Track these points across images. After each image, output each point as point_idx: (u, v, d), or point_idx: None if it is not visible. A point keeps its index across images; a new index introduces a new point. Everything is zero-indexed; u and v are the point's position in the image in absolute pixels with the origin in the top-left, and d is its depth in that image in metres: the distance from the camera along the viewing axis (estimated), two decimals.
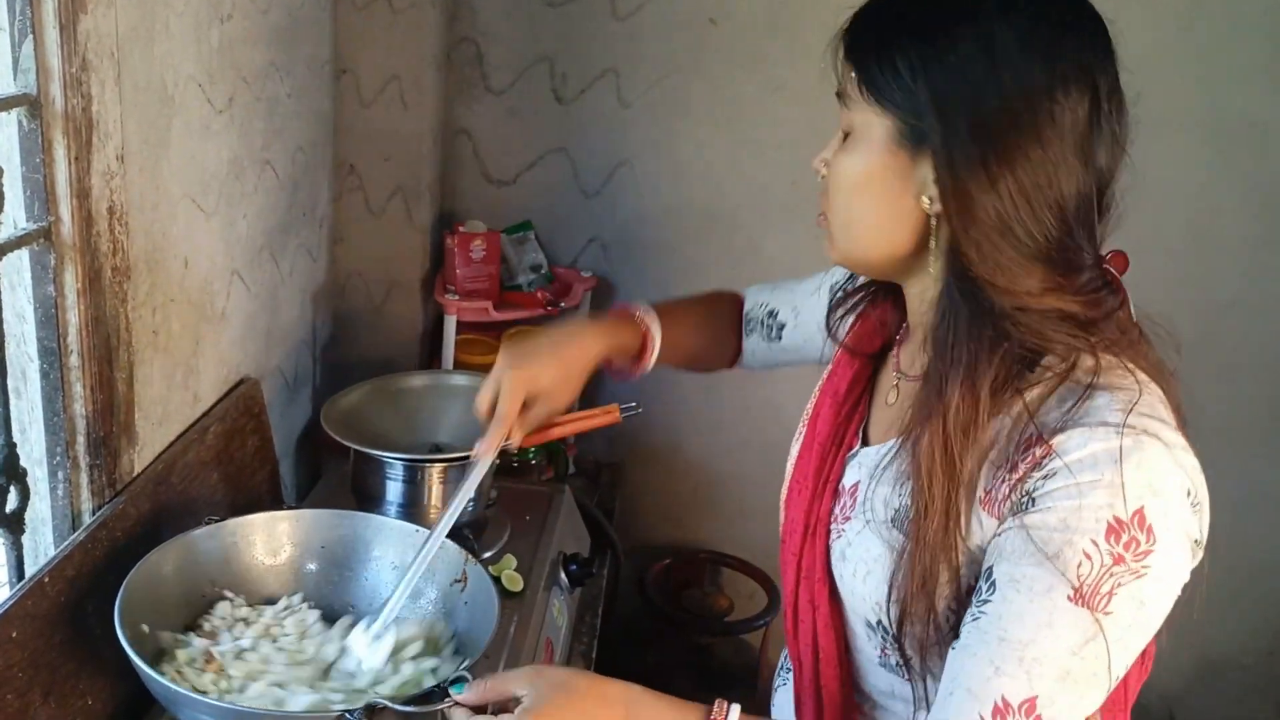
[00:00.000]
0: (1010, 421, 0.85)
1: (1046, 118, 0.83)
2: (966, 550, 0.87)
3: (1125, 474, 0.79)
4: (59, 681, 1.12)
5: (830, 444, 1.04)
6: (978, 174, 0.83)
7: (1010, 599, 0.82)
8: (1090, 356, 0.85)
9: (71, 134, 1.09)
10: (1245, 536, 2.30)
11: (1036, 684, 0.81)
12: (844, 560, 0.98)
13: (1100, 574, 0.79)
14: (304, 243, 1.85)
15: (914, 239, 0.90)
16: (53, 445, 1.20)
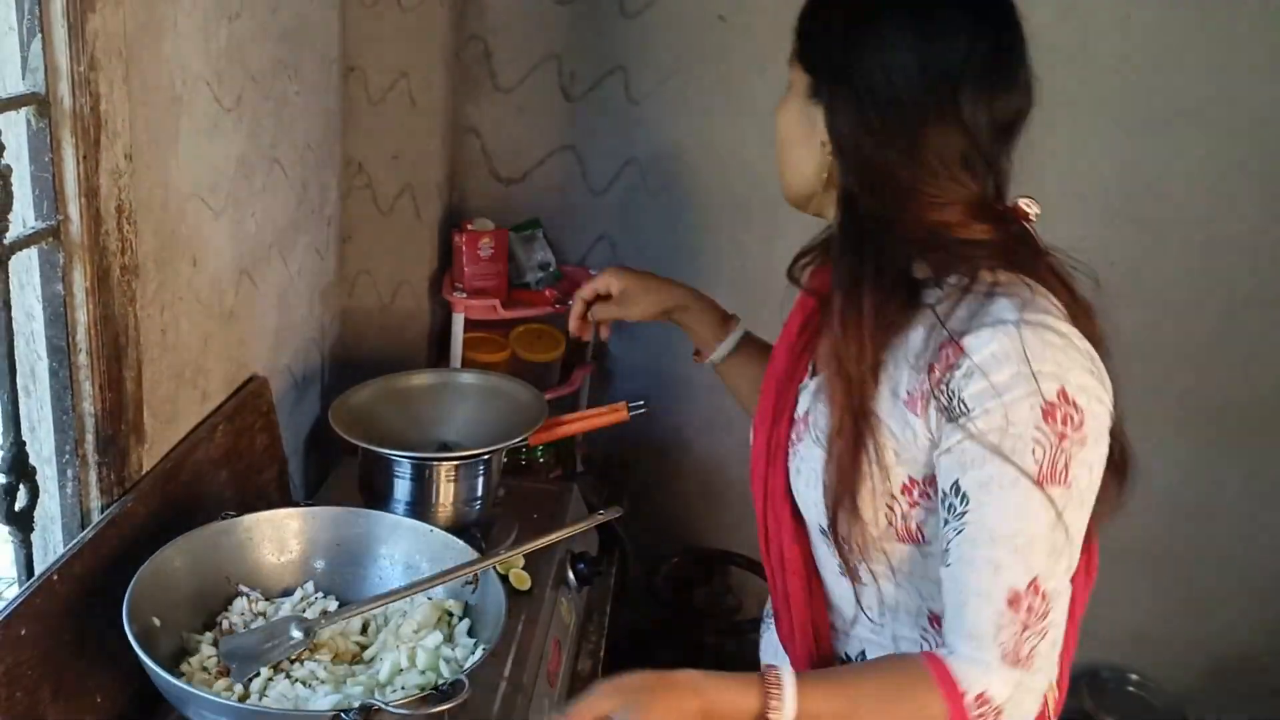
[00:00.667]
0: (925, 330, 0.98)
1: (908, 80, 0.97)
2: (902, 450, 0.99)
3: (1034, 364, 0.91)
4: (68, 679, 1.12)
5: (786, 378, 1.17)
6: (846, 111, 1.00)
7: (986, 502, 0.94)
8: (989, 273, 0.98)
9: (80, 133, 1.09)
10: (1261, 532, 2.29)
11: (1034, 564, 0.93)
12: (799, 475, 1.10)
13: (1053, 453, 0.92)
14: (312, 241, 1.85)
15: (821, 177, 1.06)
16: (62, 443, 1.20)
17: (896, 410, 0.99)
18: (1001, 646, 0.94)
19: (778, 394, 1.17)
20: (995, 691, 0.94)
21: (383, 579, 1.33)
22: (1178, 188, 2.08)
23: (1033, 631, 0.94)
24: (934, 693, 0.95)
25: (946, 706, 0.94)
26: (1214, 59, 2.01)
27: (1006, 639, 0.94)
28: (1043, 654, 0.95)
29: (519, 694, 1.33)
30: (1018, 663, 0.94)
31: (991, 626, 0.94)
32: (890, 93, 0.97)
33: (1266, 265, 2.12)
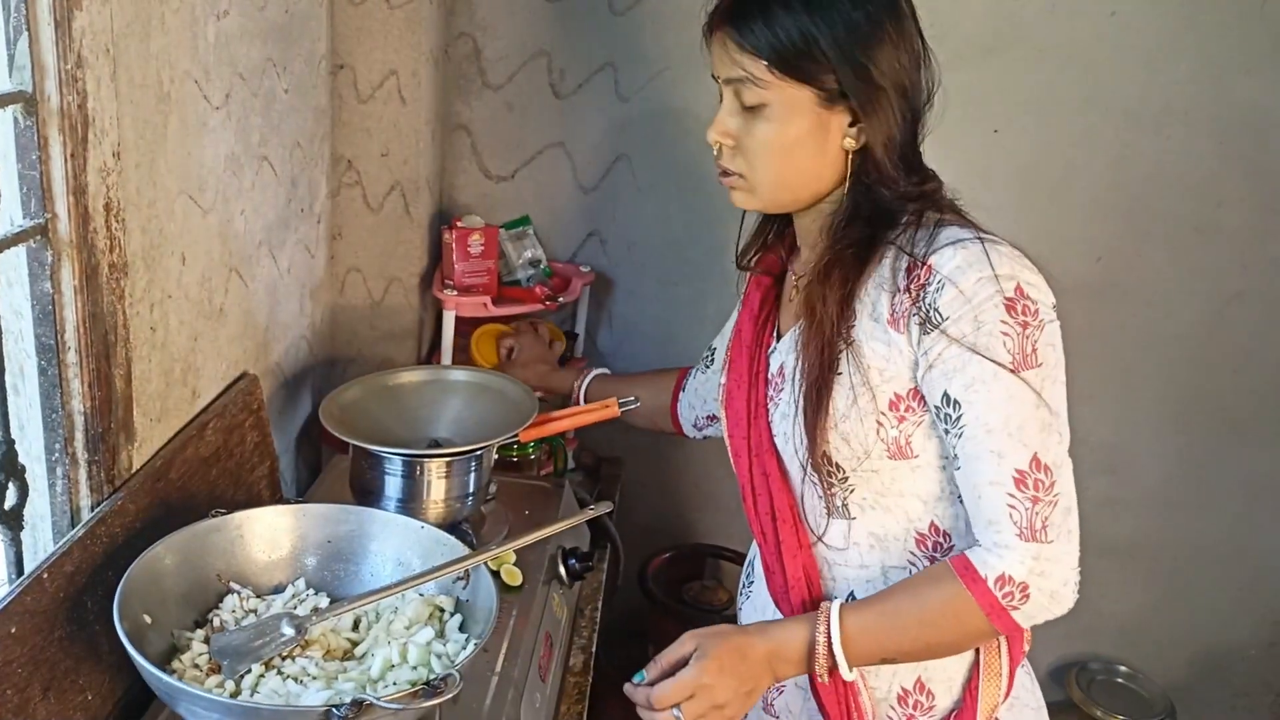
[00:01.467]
0: (890, 260, 1.12)
1: (912, 67, 1.14)
2: (886, 366, 1.11)
3: (994, 266, 1.06)
4: (58, 677, 1.12)
5: (754, 345, 1.31)
6: (884, 108, 1.12)
7: (974, 401, 1.06)
8: (935, 212, 1.16)
9: (67, 131, 1.09)
10: (1248, 528, 2.31)
11: (1031, 441, 1.05)
12: (784, 419, 1.22)
13: (1021, 340, 1.05)
14: (302, 239, 1.85)
15: (838, 175, 1.17)
16: (51, 442, 1.20)
17: (878, 330, 1.12)
18: (1016, 525, 1.04)
19: (750, 359, 1.30)
20: (1014, 570, 1.04)
21: (374, 575, 1.33)
22: (1167, 184, 2.09)
23: (1044, 504, 1.04)
24: (957, 583, 1.06)
25: (971, 592, 1.06)
26: (1203, 55, 2.02)
27: (1020, 517, 1.04)
28: (1056, 523, 1.04)
29: (510, 689, 1.34)
30: (1034, 537, 1.04)
31: (1005, 509, 1.05)
32: (904, 87, 1.13)
33: (1255, 261, 2.13)
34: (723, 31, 1.16)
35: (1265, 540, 2.30)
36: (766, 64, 1.12)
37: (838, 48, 1.10)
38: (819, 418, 1.15)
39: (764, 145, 1.16)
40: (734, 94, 1.17)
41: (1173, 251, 2.13)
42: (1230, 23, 2.00)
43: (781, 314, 1.32)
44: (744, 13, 1.14)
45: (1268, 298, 2.15)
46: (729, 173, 1.21)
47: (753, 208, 1.24)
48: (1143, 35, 2.01)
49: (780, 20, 1.11)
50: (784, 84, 1.12)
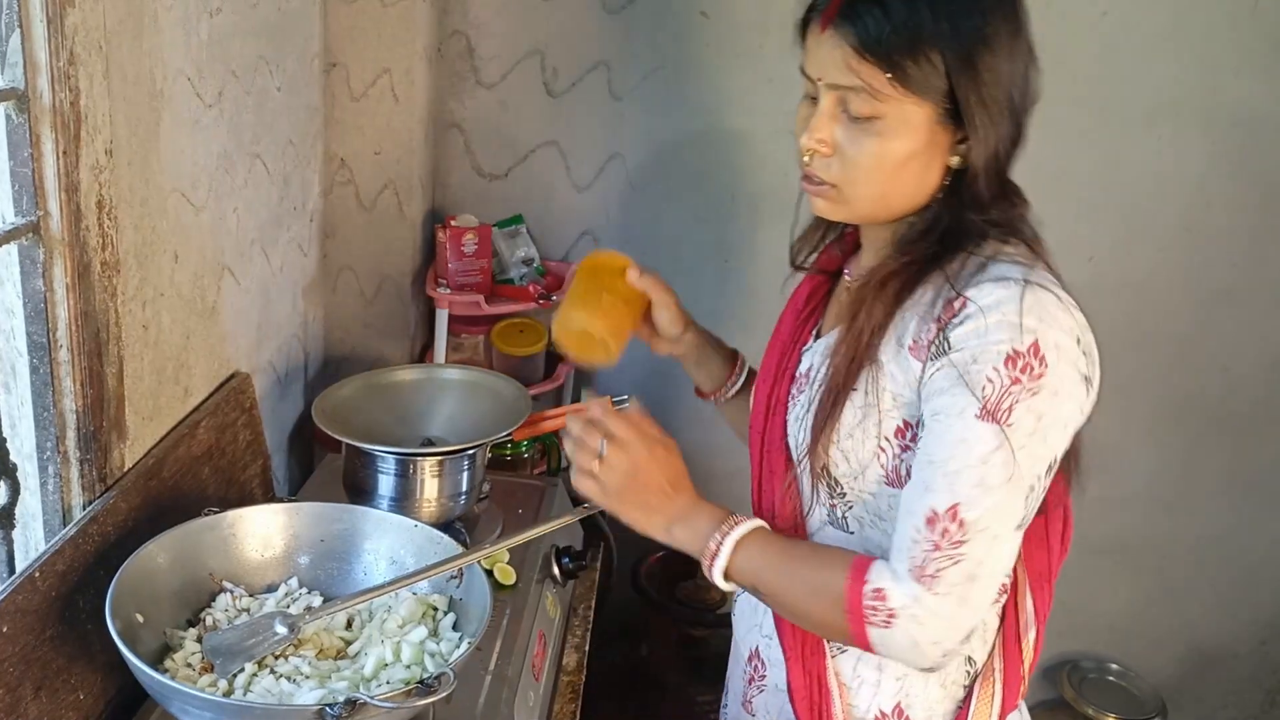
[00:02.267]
0: (935, 289, 1.06)
1: (1025, 83, 1.07)
2: (899, 392, 1.06)
3: (1023, 314, 0.98)
4: (50, 676, 1.12)
5: (790, 341, 1.26)
6: (1001, 128, 1.04)
7: (932, 429, 1.02)
8: (1000, 243, 1.07)
9: (59, 128, 1.08)
10: (1239, 525, 2.32)
11: (958, 491, 0.99)
12: (798, 423, 1.18)
13: (1001, 393, 0.98)
14: (295, 237, 1.85)
15: (934, 190, 1.09)
16: (43, 440, 1.20)
17: (900, 356, 1.06)
18: (911, 559, 1.00)
19: (781, 354, 1.25)
20: (892, 594, 1.01)
21: (367, 574, 1.33)
22: (1156, 183, 2.10)
23: (942, 554, 0.99)
24: (844, 572, 1.04)
25: (846, 585, 1.03)
26: (1193, 56, 2.02)
27: (917, 554, 1.00)
28: (950, 580, 0.99)
29: (504, 687, 1.34)
30: (921, 579, 0.99)
31: (908, 540, 1.01)
32: (1015, 106, 1.06)
33: (1243, 259, 2.14)
34: (837, 32, 1.03)
35: (1256, 538, 2.31)
36: (890, 77, 1.01)
37: (962, 62, 1.01)
38: (827, 428, 1.11)
39: (870, 160, 1.06)
40: (838, 100, 1.05)
41: (1163, 251, 2.13)
42: (1221, 23, 2.00)
43: (826, 314, 1.27)
44: (867, 15, 1.01)
45: (1257, 297, 2.16)
46: (818, 181, 1.10)
47: (837, 218, 1.16)
48: (1133, 35, 2.02)
49: (909, 28, 1.00)
50: (903, 99, 1.02)
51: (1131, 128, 2.08)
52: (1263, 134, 2.06)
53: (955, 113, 1.03)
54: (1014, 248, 1.07)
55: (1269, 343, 2.18)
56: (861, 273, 1.18)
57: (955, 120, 1.04)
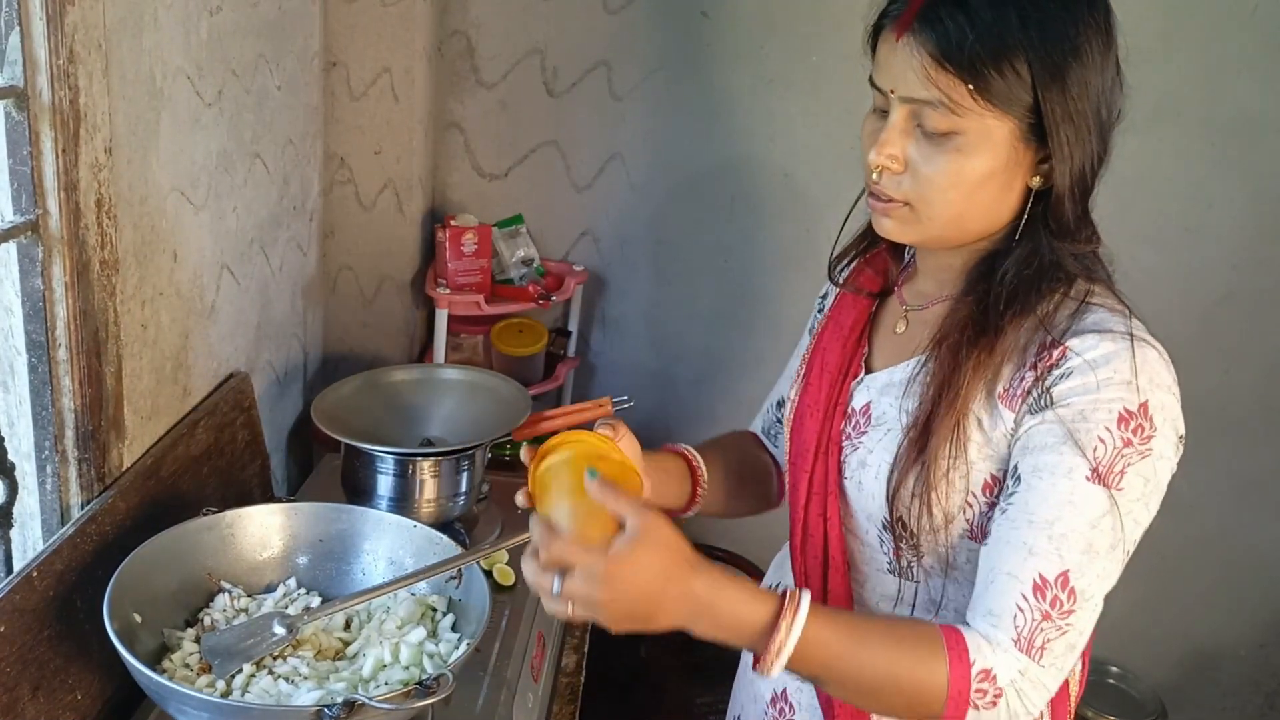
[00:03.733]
0: (1026, 329, 0.99)
1: (1113, 99, 1.00)
2: (987, 444, 0.99)
3: (1137, 373, 0.94)
4: (48, 676, 1.12)
5: (839, 373, 1.15)
6: (1088, 149, 0.98)
7: (1034, 486, 0.95)
8: (1085, 281, 1.01)
9: (59, 126, 1.08)
10: (1239, 528, 2.31)
11: (1067, 557, 0.93)
12: (864, 467, 1.09)
13: (1113, 455, 0.93)
14: (294, 236, 1.85)
15: (1016, 213, 1.01)
16: (41, 439, 1.20)
17: (990, 404, 0.99)
18: (1017, 630, 0.93)
19: (831, 386, 1.16)
20: (1001, 672, 0.93)
21: (366, 575, 1.33)
22: (1158, 185, 2.09)
23: (1051, 625, 0.93)
24: (941, 655, 0.93)
25: (950, 671, 0.93)
26: (1194, 58, 2.02)
27: (1022, 624, 0.93)
28: (1056, 651, 0.93)
29: (503, 689, 1.33)
30: (1028, 650, 0.93)
31: (1011, 607, 0.94)
32: (1103, 123, 0.99)
33: (1245, 261, 2.14)
34: (914, 40, 0.94)
35: (1255, 540, 2.31)
36: (971, 89, 0.93)
37: (1050, 73, 0.93)
38: (914, 484, 1.02)
39: (947, 179, 0.97)
40: (911, 114, 0.97)
41: (1163, 252, 2.13)
42: (1221, 25, 2.00)
43: (876, 340, 1.16)
44: (947, 21, 0.93)
45: (1257, 298, 2.15)
46: (887, 198, 1.01)
47: (907, 240, 1.05)
48: (1134, 37, 1.99)
49: (995, 35, 0.92)
50: (985, 113, 0.94)
51: (1132, 130, 2.06)
52: (1263, 136, 2.05)
53: (1039, 129, 0.96)
54: (1102, 290, 1.01)
55: (1270, 345, 2.18)
56: (922, 300, 1.11)
57: (1039, 137, 0.96)
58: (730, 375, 2.31)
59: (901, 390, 1.07)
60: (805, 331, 1.31)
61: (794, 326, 1.52)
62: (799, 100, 2.10)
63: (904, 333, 1.12)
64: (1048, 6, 0.93)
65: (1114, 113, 1.00)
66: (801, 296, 2.21)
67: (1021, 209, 1.00)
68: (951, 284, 1.07)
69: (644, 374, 2.36)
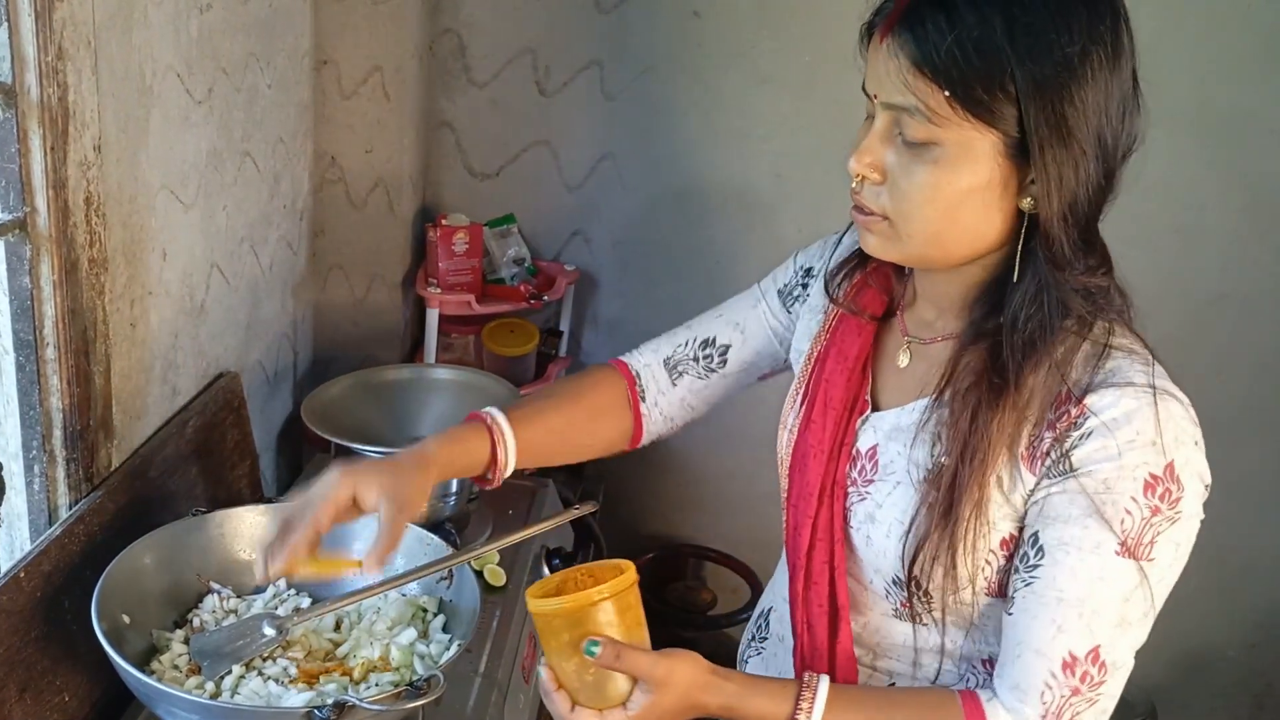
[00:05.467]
0: (1040, 380, 0.92)
1: (1119, 117, 0.91)
2: (1007, 504, 0.94)
3: (1161, 433, 0.88)
4: (35, 677, 1.11)
5: (844, 410, 1.08)
6: (1080, 171, 0.89)
7: (1061, 561, 0.90)
8: (1102, 322, 0.94)
9: (47, 124, 1.07)
10: (1230, 530, 2.31)
11: (1098, 633, 0.90)
12: (873, 522, 1.03)
13: (1142, 526, 0.89)
14: (284, 235, 1.84)
15: (1006, 237, 0.94)
16: (29, 439, 1.19)
17: (1011, 464, 0.94)
18: (1045, 705, 0.91)
19: (836, 424, 1.08)
20: None
21: (357, 576, 1.32)
22: (1148, 187, 2.08)
23: (1082, 699, 0.91)
24: None
25: None
26: (1185, 60, 2.03)
27: (1050, 700, 0.91)
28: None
29: (494, 689, 1.33)
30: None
31: (1039, 684, 0.91)
32: (1106, 147, 0.91)
33: (1235, 264, 2.14)
34: (895, 42, 0.89)
35: (1245, 542, 2.32)
36: (948, 95, 0.87)
37: (1035, 84, 0.86)
38: (933, 550, 0.97)
39: (924, 192, 0.91)
40: (893, 121, 0.92)
41: (1154, 255, 2.13)
42: (1213, 28, 2.01)
43: (880, 371, 1.09)
44: (926, 24, 0.87)
45: (1248, 301, 2.16)
46: (868, 211, 0.96)
47: (890, 258, 0.99)
48: None
49: (975, 42, 0.86)
50: (964, 123, 0.88)
51: None
52: (1254, 138, 2.06)
53: (1026, 146, 0.89)
54: (1121, 330, 0.95)
55: (1261, 347, 2.18)
56: (925, 332, 1.05)
57: (1026, 155, 0.89)
58: None
59: (910, 438, 1.01)
60: (756, 298, 1.26)
61: None
62: (791, 100, 2.10)
63: (907, 367, 1.06)
64: (1040, 13, 0.86)
65: (1123, 138, 0.91)
66: None
67: (1014, 233, 0.93)
68: (952, 315, 1.01)
69: None
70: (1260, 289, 2.15)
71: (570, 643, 0.93)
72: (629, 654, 0.92)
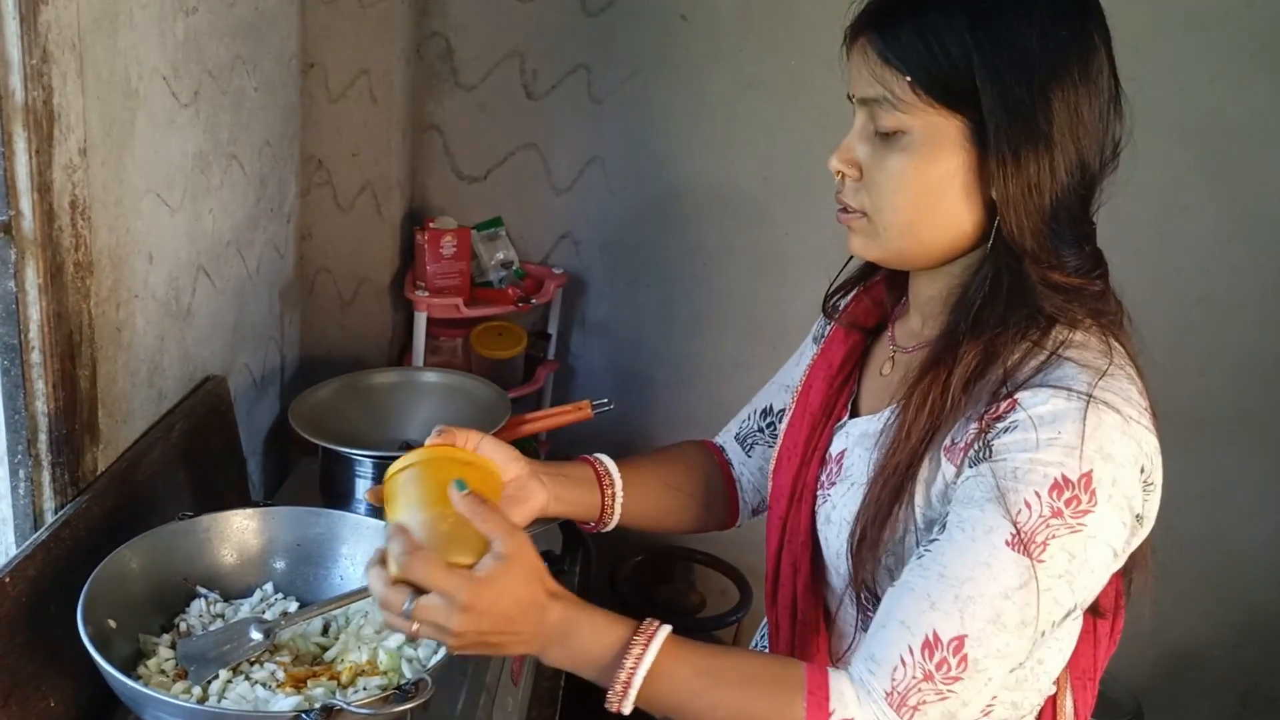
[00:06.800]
0: (988, 383, 0.91)
1: (1093, 116, 0.91)
2: (924, 496, 0.93)
3: (1084, 439, 0.85)
4: (20, 683, 1.10)
5: (821, 415, 1.09)
6: (1042, 160, 0.89)
7: (954, 538, 0.88)
8: (1069, 329, 0.92)
9: (32, 127, 1.07)
10: (1213, 530, 2.33)
11: (969, 623, 0.86)
12: (829, 523, 1.03)
13: (1037, 523, 0.85)
14: (271, 238, 1.83)
15: (979, 229, 0.94)
16: (14, 443, 1.18)
17: (935, 458, 0.93)
18: (894, 682, 0.87)
19: (811, 428, 1.09)
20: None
21: (344, 579, 1.32)
22: (1132, 190, 2.10)
23: (931, 687, 0.86)
24: (799, 701, 0.88)
25: (806, 715, 0.87)
26: (1169, 62, 2.04)
27: (901, 678, 0.86)
28: (930, 716, 0.86)
29: (482, 693, 1.33)
30: (899, 707, 0.86)
31: (895, 658, 0.87)
32: (1079, 144, 0.91)
33: (1218, 265, 2.16)
34: (865, 39, 0.93)
35: (1229, 542, 2.33)
36: (910, 81, 0.90)
37: (996, 73, 0.88)
38: (868, 544, 0.96)
39: (896, 181, 0.93)
40: (868, 115, 0.94)
41: (1137, 256, 2.14)
42: (1197, 30, 2.02)
43: (865, 382, 1.10)
44: (891, 17, 0.91)
45: (1230, 301, 2.17)
46: (849, 209, 0.97)
47: (872, 257, 1.00)
48: (1115, 45, 2.03)
49: (934, 29, 0.89)
50: (929, 109, 0.90)
51: None
52: (1238, 140, 2.07)
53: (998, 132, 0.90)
54: (1085, 334, 0.93)
55: (1243, 347, 2.20)
56: (910, 340, 1.05)
57: None
58: (709, 379, 2.31)
59: (873, 442, 1.00)
60: (800, 354, 1.25)
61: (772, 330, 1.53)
62: (777, 104, 2.11)
63: (888, 375, 1.06)
64: (1003, 8, 0.89)
65: (1095, 135, 0.92)
66: (779, 300, 2.22)
67: (991, 227, 0.93)
68: (935, 321, 1.00)
69: (623, 377, 2.36)
70: (1243, 290, 2.17)
71: (431, 494, 0.91)
72: (491, 510, 0.91)
